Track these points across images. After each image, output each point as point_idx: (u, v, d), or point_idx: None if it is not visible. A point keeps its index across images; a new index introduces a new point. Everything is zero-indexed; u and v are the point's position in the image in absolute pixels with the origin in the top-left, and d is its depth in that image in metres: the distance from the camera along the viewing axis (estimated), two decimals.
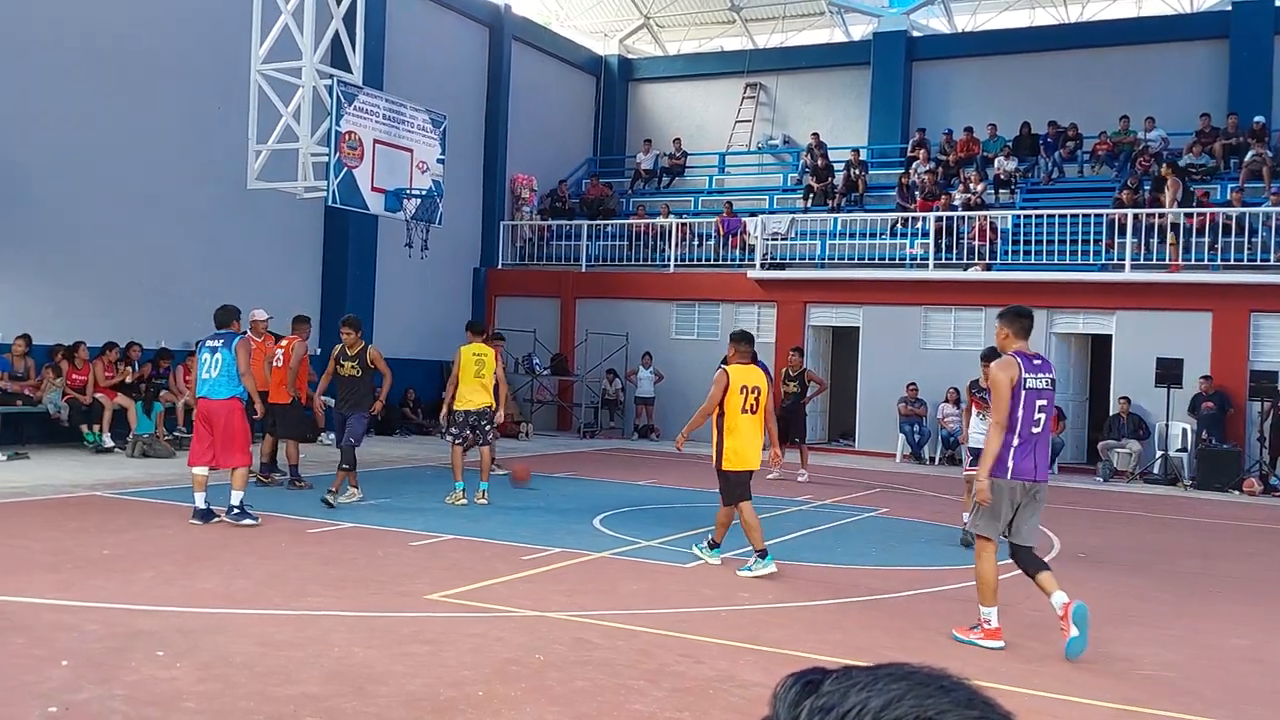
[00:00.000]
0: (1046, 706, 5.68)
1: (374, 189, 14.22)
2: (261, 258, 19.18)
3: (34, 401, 14.80)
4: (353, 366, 11.84)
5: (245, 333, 11.21)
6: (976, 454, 9.38)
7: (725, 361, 9.34)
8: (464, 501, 11.84)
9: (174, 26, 17.50)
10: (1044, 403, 6.90)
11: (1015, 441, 6.84)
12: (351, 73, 14.44)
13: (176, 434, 16.14)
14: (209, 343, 10.39)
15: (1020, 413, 6.82)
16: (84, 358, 15.40)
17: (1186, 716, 5.75)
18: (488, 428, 12.29)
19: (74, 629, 6.31)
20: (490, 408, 12.24)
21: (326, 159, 13.67)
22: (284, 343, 12.97)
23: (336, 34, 14.55)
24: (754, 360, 9.32)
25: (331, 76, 13.90)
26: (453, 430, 12.21)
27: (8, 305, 15.36)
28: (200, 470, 10.13)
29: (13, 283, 15.58)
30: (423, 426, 19.88)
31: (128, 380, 15.90)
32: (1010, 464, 6.85)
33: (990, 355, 9.06)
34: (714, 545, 9.30)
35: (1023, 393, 6.82)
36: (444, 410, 12.49)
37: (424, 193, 15.03)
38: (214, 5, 17.70)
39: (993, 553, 7.09)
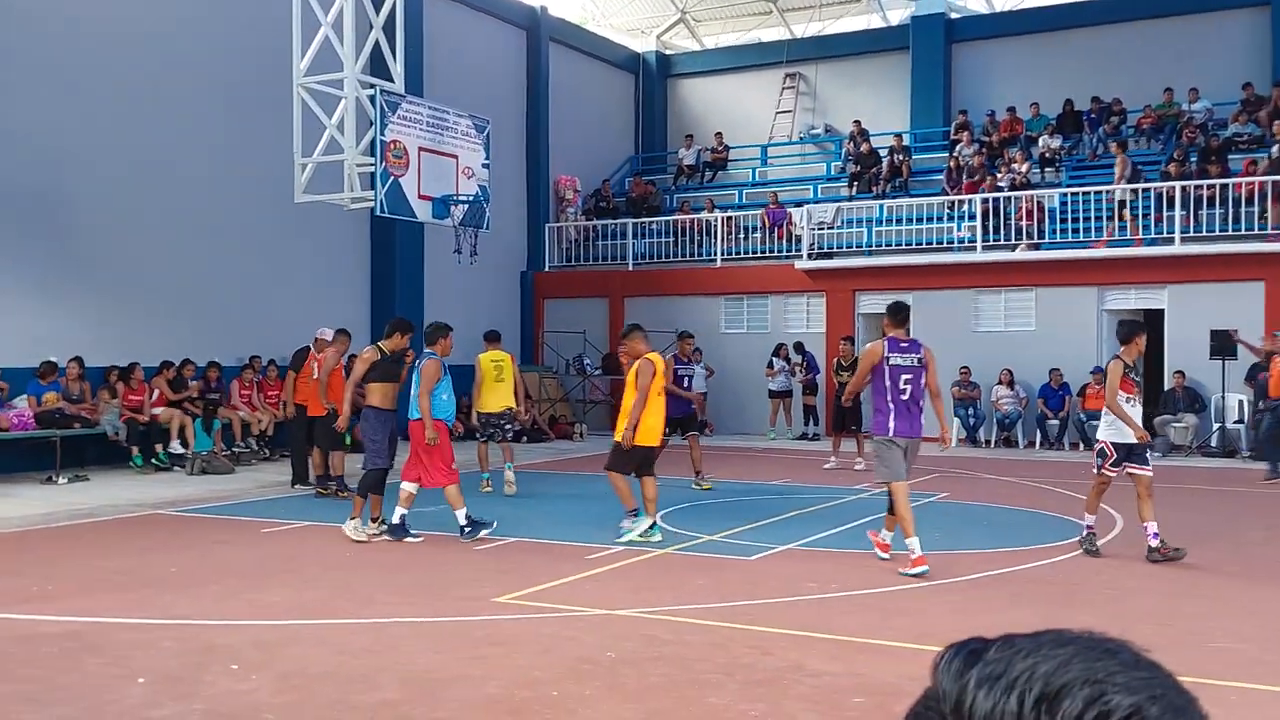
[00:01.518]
0: None
1: (421, 197, 14.33)
2: (310, 270, 19.41)
3: (91, 424, 15.04)
4: None
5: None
6: (1104, 451, 9.24)
7: (624, 352, 10.43)
8: (489, 489, 13.19)
9: (215, 44, 17.74)
10: (909, 376, 8.69)
11: (891, 408, 8.65)
12: (393, 81, 14.56)
13: (235, 449, 16.38)
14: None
15: (888, 383, 8.62)
16: (139, 378, 15.63)
17: (1261, 686, 5.69)
18: (508, 427, 13.64)
19: (149, 646, 6.41)
20: (510, 409, 13.57)
21: (372, 169, 13.80)
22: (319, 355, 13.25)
23: (376, 43, 14.67)
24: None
25: (373, 86, 14.02)
26: (478, 431, 13.80)
27: (61, 330, 15.62)
28: (408, 486, 10.07)
29: (64, 308, 15.84)
30: (474, 433, 19.94)
31: (194, 395, 16.13)
32: (891, 426, 8.66)
33: (1124, 334, 9.29)
34: (637, 512, 9.87)
35: (886, 368, 8.65)
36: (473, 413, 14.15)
37: (471, 198, 15.12)
38: (254, 20, 17.91)
39: (905, 492, 8.67)
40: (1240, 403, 17.61)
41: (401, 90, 14.57)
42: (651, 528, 9.83)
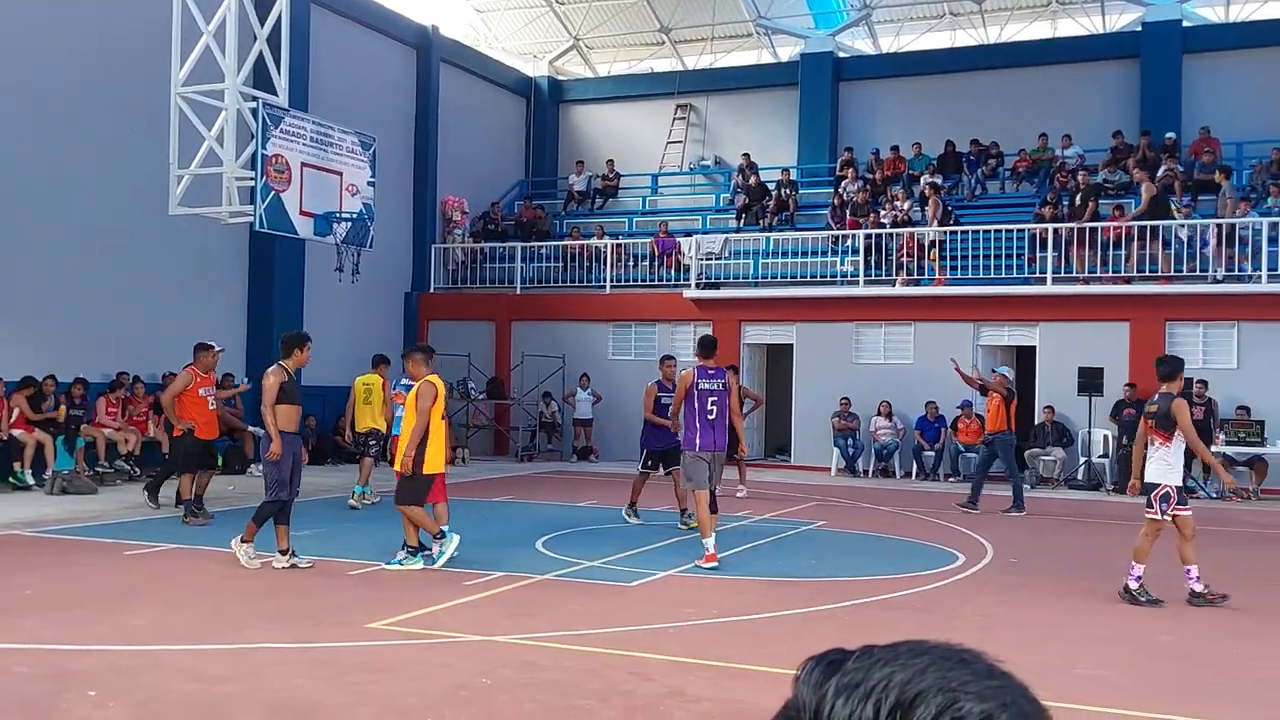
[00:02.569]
0: None
1: (303, 213, 14.03)
2: (185, 285, 18.80)
3: None
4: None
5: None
6: (1152, 489, 8.77)
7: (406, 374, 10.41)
8: (356, 504, 13.87)
9: (90, 49, 17.13)
10: (715, 399, 10.17)
11: (699, 427, 10.07)
12: (277, 94, 14.25)
13: (99, 469, 15.72)
14: (406, 382, 10.57)
15: (696, 405, 10.06)
16: None
17: (1122, 711, 5.87)
18: (372, 444, 14.48)
19: (0, 672, 6.11)
20: (375, 429, 14.38)
21: (252, 183, 13.46)
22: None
23: (260, 56, 14.35)
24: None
25: (256, 99, 13.70)
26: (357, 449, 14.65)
27: None
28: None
29: None
30: (354, 455, 19.55)
31: (58, 419, 15.43)
32: (698, 442, 10.06)
33: (1166, 372, 8.95)
34: (443, 533, 9.75)
35: (696, 393, 10.09)
36: (347, 432, 14.98)
37: (354, 216, 14.87)
38: (131, 27, 17.36)
39: (706, 500, 9.98)
40: (1105, 437, 18.30)
41: (285, 104, 14.28)
42: (419, 554, 9.67)
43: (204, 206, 14.05)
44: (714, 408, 10.13)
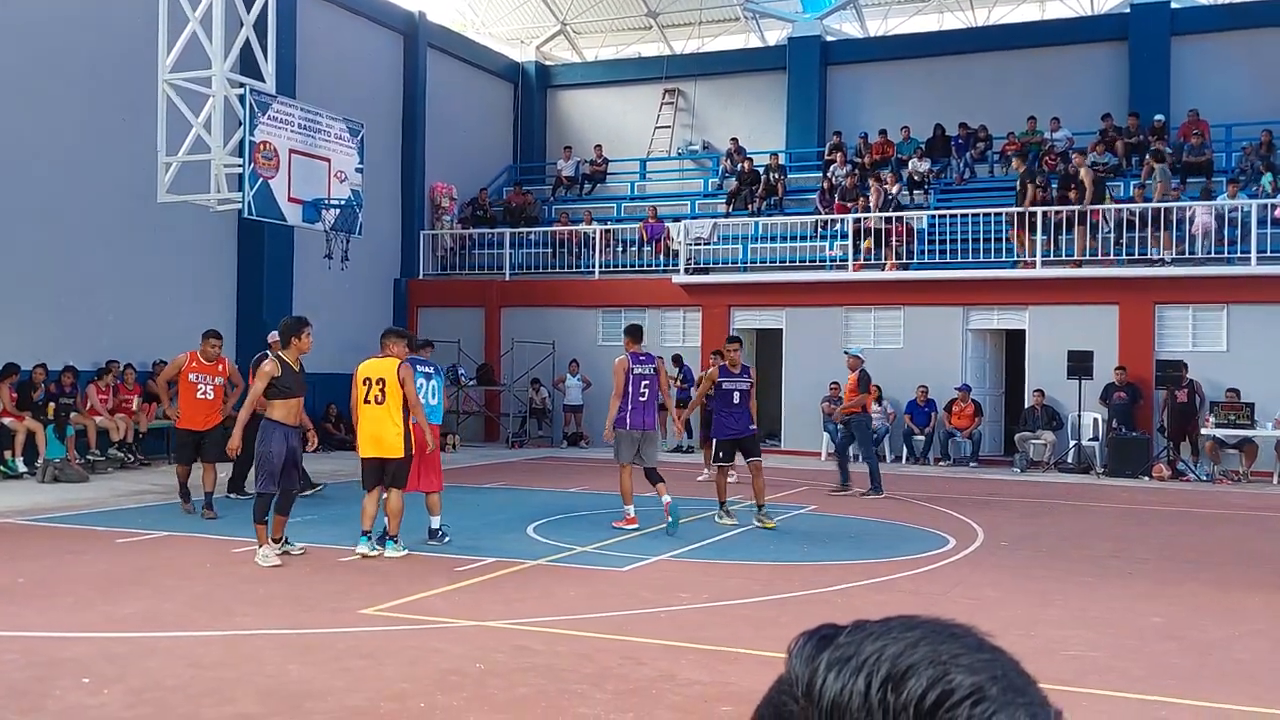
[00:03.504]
0: None
1: (291, 200, 13.98)
2: (174, 272, 18.75)
3: None
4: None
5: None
6: None
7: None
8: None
9: (78, 36, 17.04)
10: (646, 382, 11.16)
11: (630, 407, 11.04)
12: (264, 81, 14.18)
13: (89, 457, 15.69)
14: (422, 368, 10.22)
15: (630, 389, 11.02)
16: None
17: (1112, 693, 5.91)
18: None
19: None
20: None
21: (240, 170, 13.40)
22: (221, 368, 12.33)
23: (247, 42, 14.26)
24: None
25: (243, 85, 13.62)
26: None
27: None
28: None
29: None
30: (345, 442, 19.54)
31: (42, 405, 15.37)
32: (629, 421, 11.07)
33: None
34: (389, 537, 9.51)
35: (631, 377, 11.03)
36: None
37: (343, 203, 14.82)
38: (118, 13, 17.26)
39: (629, 473, 11.17)
40: (1095, 420, 18.36)
41: (272, 91, 14.21)
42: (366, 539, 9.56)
43: (192, 193, 13.99)
44: (645, 390, 11.14)
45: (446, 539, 10.08)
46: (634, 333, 11.56)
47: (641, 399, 11.09)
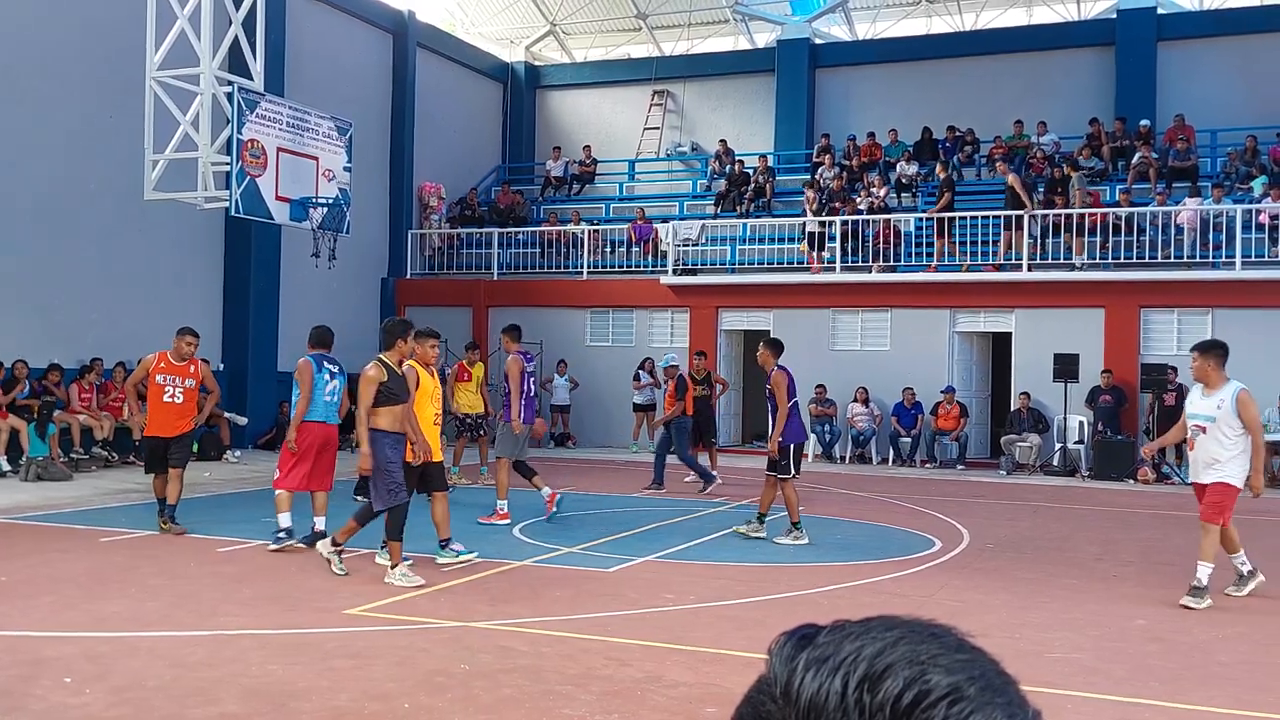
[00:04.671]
0: None
1: (279, 198, 13.93)
2: (160, 270, 18.67)
3: None
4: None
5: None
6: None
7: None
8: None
9: (64, 33, 16.96)
10: (532, 379, 12.13)
11: (523, 405, 11.73)
12: (252, 79, 14.13)
13: (73, 456, 15.62)
14: (329, 366, 10.11)
15: (526, 386, 11.80)
16: None
17: (1095, 695, 5.93)
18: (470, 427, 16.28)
19: None
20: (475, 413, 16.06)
21: (228, 168, 13.36)
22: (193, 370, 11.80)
23: (235, 40, 14.22)
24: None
25: (231, 83, 13.57)
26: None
27: None
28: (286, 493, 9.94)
29: None
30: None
31: (23, 401, 15.30)
32: (521, 416, 11.73)
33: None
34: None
35: (525, 375, 11.86)
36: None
37: (330, 201, 14.78)
38: (106, 10, 17.19)
39: (508, 467, 11.78)
40: (1081, 423, 18.43)
41: (261, 89, 14.17)
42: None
43: (179, 191, 13.94)
44: (532, 385, 12.17)
45: (299, 541, 9.70)
46: (514, 332, 12.35)
47: (531, 394, 12.03)
